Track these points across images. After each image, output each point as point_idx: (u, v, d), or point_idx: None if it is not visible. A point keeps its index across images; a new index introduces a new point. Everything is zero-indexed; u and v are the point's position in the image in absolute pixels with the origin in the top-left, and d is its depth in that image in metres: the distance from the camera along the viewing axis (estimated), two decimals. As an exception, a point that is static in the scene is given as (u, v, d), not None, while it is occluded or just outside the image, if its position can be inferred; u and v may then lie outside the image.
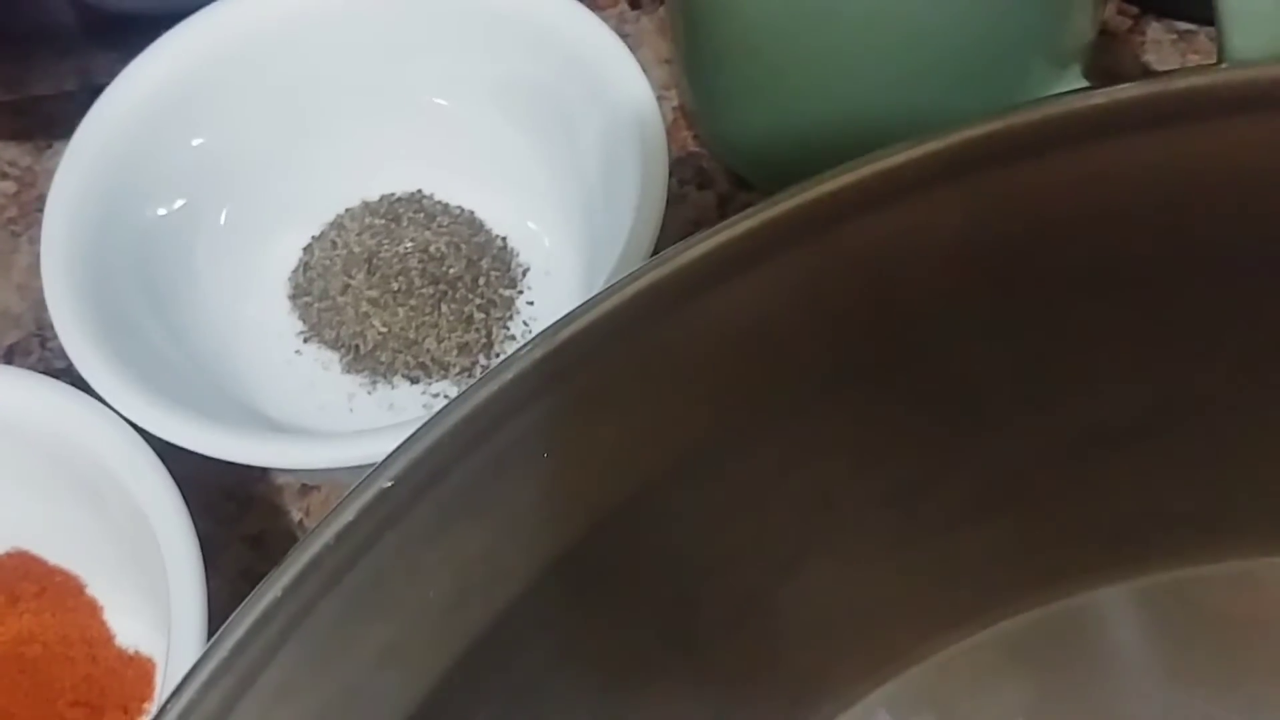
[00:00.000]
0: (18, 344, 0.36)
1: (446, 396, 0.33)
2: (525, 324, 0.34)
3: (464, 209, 0.35)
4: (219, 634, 0.18)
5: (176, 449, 0.28)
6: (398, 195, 0.35)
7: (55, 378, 0.29)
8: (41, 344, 0.35)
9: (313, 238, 0.35)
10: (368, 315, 0.33)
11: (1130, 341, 0.23)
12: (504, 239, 0.35)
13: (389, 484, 0.19)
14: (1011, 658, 0.26)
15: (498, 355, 0.33)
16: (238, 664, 0.18)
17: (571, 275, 0.34)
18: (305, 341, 0.34)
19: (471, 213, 0.35)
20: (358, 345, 0.33)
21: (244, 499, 0.33)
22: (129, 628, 0.30)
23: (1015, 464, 0.24)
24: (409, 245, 0.33)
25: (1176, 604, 0.26)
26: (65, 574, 0.31)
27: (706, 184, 0.36)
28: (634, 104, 0.30)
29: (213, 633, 0.18)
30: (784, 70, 0.31)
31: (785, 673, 0.25)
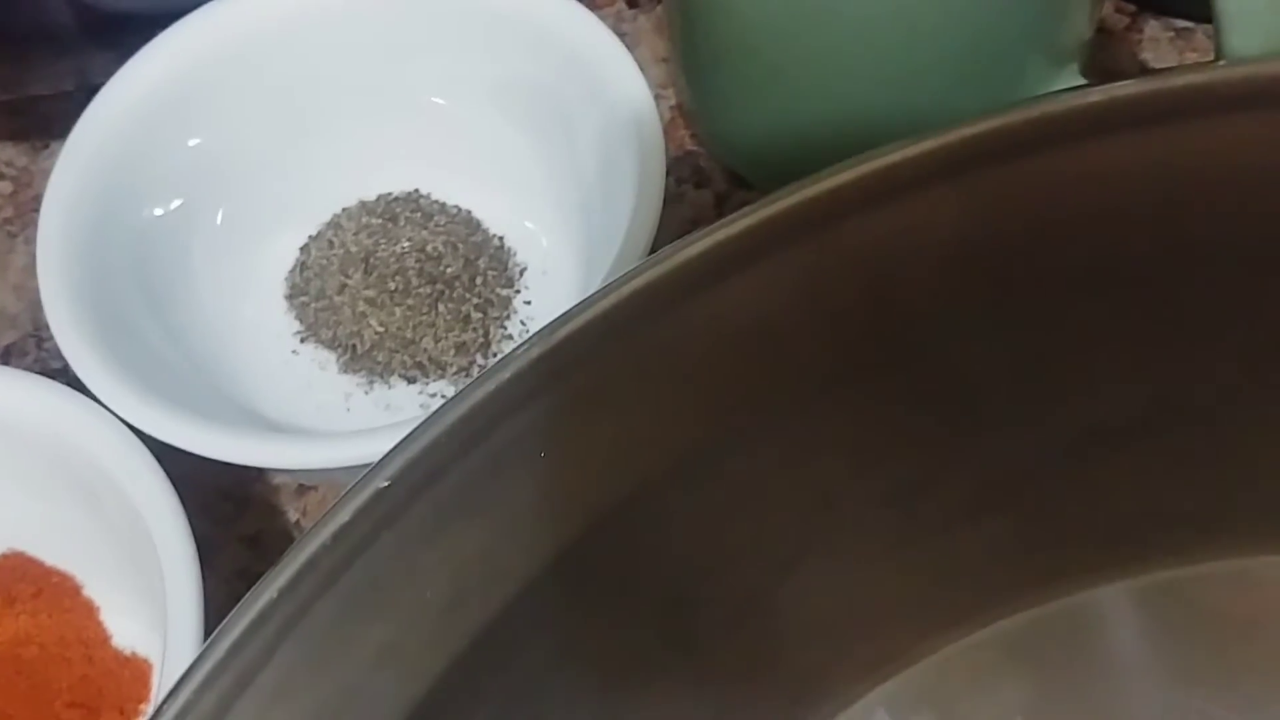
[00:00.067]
0: (14, 344, 0.35)
1: (444, 396, 0.33)
2: (523, 323, 0.34)
3: (461, 208, 0.35)
4: (215, 635, 0.18)
5: (173, 449, 0.28)
6: (395, 195, 0.35)
7: (52, 378, 0.29)
8: (38, 344, 0.35)
9: (310, 237, 0.35)
10: (365, 315, 0.33)
11: (1129, 341, 0.23)
12: (501, 238, 0.34)
13: (385, 484, 0.19)
14: (1010, 657, 0.26)
15: (495, 355, 0.33)
16: (234, 665, 0.18)
17: (569, 274, 0.34)
18: (302, 341, 0.34)
19: (469, 212, 0.35)
20: (355, 345, 0.33)
21: (241, 499, 0.33)
22: (126, 628, 0.30)
23: (1014, 463, 0.24)
24: (406, 245, 0.33)
25: (1175, 603, 0.26)
26: (62, 575, 0.31)
27: (704, 183, 0.36)
28: (631, 103, 0.30)
29: (209, 633, 0.18)
30: (781, 69, 0.31)
31: (785, 672, 0.25)
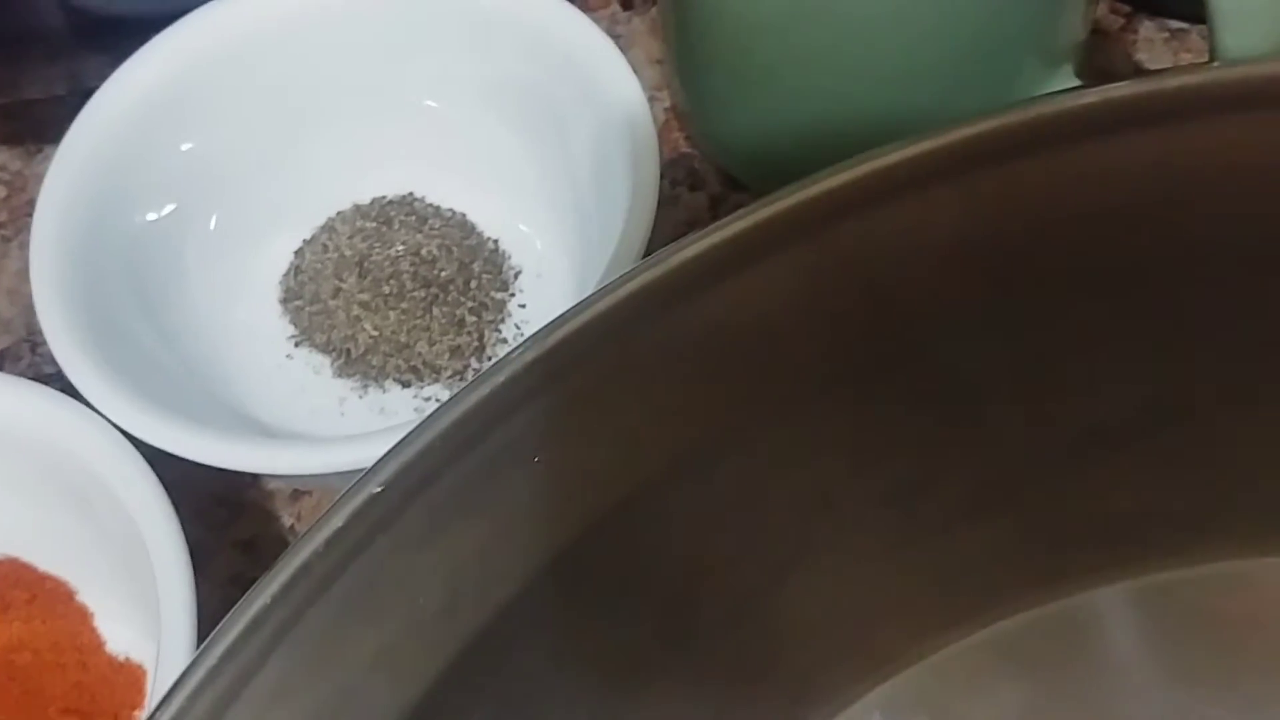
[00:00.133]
0: (8, 350, 0.35)
1: (438, 400, 0.33)
2: (517, 327, 0.33)
3: (455, 212, 0.35)
4: (207, 641, 0.18)
5: (167, 454, 0.28)
6: (389, 198, 0.35)
7: (45, 383, 0.29)
8: (32, 349, 0.35)
9: (304, 241, 0.35)
10: (359, 319, 0.33)
11: (1128, 340, 0.23)
12: (496, 241, 0.34)
13: (379, 489, 0.19)
14: (1007, 659, 0.26)
15: (490, 358, 0.33)
16: (228, 670, 0.18)
17: (563, 278, 0.33)
18: (296, 346, 0.34)
19: (463, 215, 0.35)
20: (349, 349, 0.33)
21: (235, 504, 0.33)
22: (120, 634, 0.30)
23: (1013, 463, 0.24)
24: (400, 248, 0.33)
25: (1172, 604, 0.26)
26: (56, 581, 0.31)
27: (698, 185, 0.36)
28: (625, 105, 0.30)
29: (203, 639, 0.18)
30: (776, 70, 0.31)
31: (784, 672, 0.25)
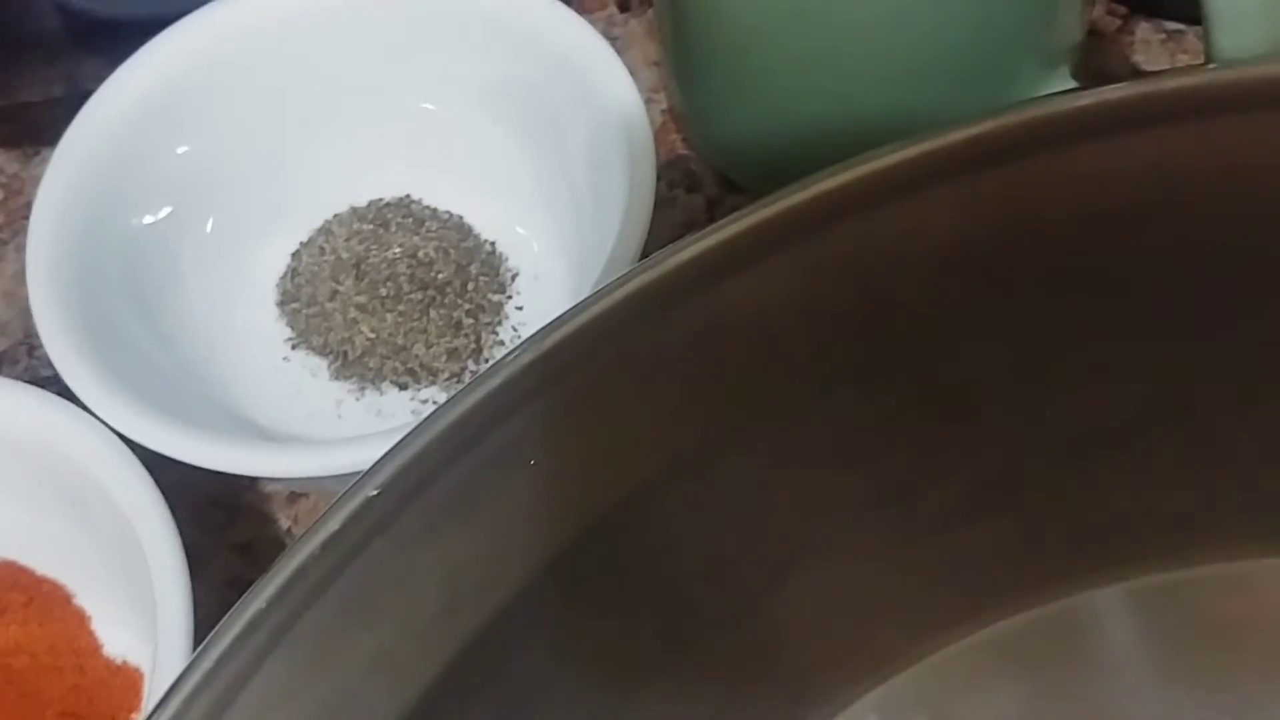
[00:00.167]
0: (5, 353, 0.35)
1: (435, 402, 0.33)
2: (514, 329, 0.33)
3: (452, 214, 0.35)
4: (204, 645, 0.18)
5: (163, 457, 0.28)
6: (386, 200, 0.35)
7: (42, 386, 0.29)
8: (29, 352, 0.35)
9: (300, 244, 0.35)
10: (356, 321, 0.33)
11: (1128, 340, 0.23)
12: (493, 244, 0.34)
13: (376, 492, 0.19)
14: (1006, 659, 0.26)
15: (487, 361, 0.33)
16: (224, 673, 0.18)
17: (560, 280, 0.33)
18: (293, 348, 0.34)
19: (460, 218, 0.35)
20: (346, 351, 0.33)
21: (232, 507, 0.33)
22: (117, 638, 0.30)
23: (1013, 463, 0.24)
24: (397, 251, 0.33)
25: (1171, 605, 0.26)
26: (53, 584, 0.30)
27: (695, 187, 0.36)
28: (621, 107, 0.30)
29: (200, 642, 0.18)
30: (773, 72, 0.31)
31: (784, 673, 0.25)
